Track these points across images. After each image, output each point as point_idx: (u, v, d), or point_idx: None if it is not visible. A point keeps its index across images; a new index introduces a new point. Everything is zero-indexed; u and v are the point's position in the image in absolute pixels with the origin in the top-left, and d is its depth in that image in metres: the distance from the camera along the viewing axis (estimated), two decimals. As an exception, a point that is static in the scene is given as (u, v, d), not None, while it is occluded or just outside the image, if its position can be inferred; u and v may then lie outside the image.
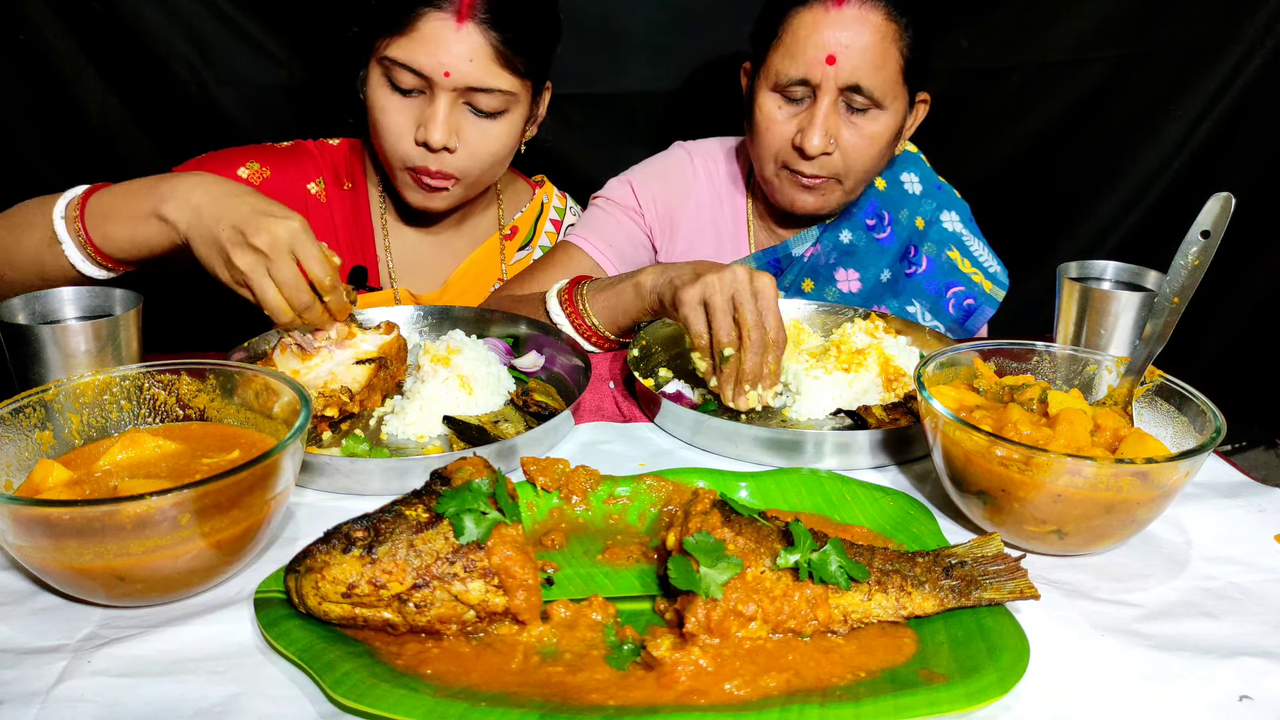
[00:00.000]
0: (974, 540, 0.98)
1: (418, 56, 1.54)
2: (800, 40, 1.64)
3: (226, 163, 1.71)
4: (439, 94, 1.57)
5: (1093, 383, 1.23)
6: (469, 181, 1.69)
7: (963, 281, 1.88)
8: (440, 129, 1.58)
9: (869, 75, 1.63)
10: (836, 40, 1.61)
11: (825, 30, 1.62)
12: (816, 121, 1.65)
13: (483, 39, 1.54)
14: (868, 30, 1.61)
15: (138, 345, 1.20)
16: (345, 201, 1.81)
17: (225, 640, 0.88)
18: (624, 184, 1.92)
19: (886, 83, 1.65)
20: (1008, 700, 0.81)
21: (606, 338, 1.59)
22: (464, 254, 1.92)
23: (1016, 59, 2.35)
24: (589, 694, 0.81)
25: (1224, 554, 1.07)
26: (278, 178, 1.74)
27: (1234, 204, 1.10)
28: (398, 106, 1.61)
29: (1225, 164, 2.44)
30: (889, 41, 1.63)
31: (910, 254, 1.89)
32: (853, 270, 1.88)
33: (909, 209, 1.90)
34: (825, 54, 1.62)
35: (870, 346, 1.43)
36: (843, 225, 1.88)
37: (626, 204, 1.90)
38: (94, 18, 2.00)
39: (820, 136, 1.66)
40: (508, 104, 1.63)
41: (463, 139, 1.62)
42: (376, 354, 1.32)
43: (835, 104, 1.66)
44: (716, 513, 0.91)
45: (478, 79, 1.56)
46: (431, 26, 1.53)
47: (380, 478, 1.14)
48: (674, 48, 2.26)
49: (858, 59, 1.62)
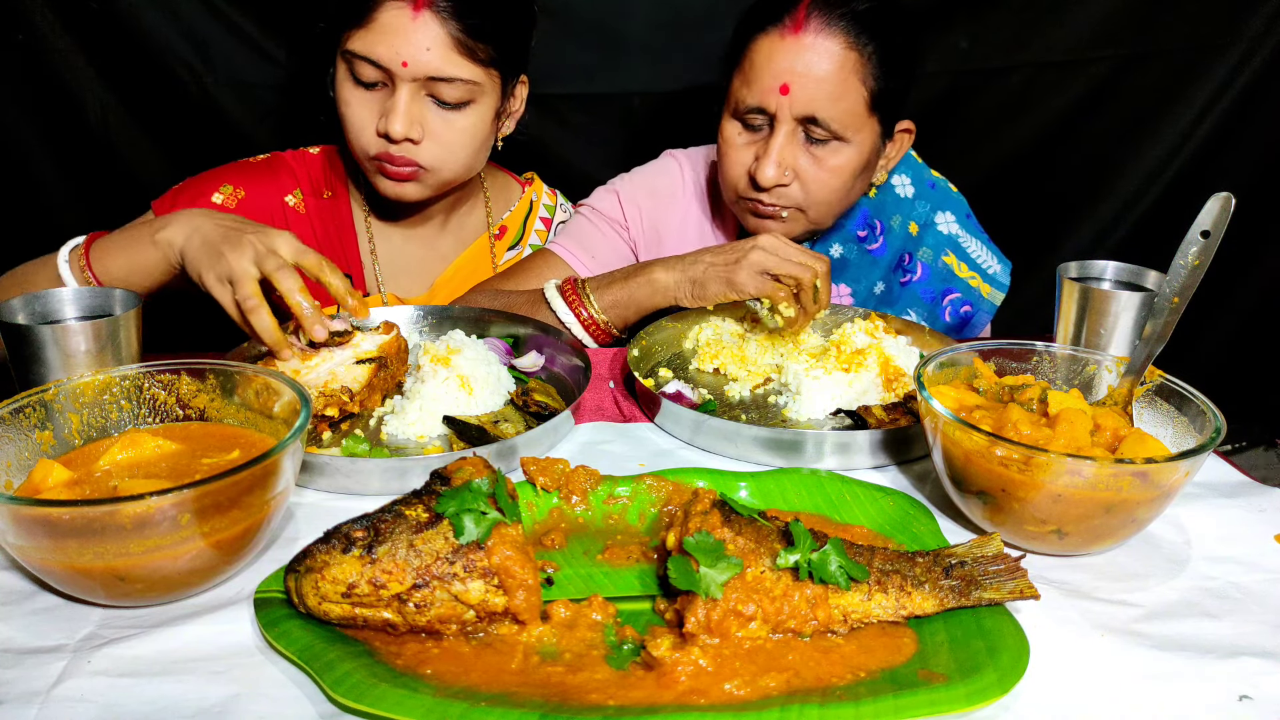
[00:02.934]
0: (974, 540, 0.98)
1: (376, 48, 1.54)
2: (758, 68, 1.60)
3: (200, 190, 1.70)
4: (400, 85, 1.57)
5: (1093, 383, 1.23)
6: (441, 175, 1.68)
7: (959, 288, 1.85)
8: (401, 120, 1.57)
9: (826, 106, 1.57)
10: (791, 69, 1.56)
11: (780, 59, 1.57)
12: (770, 153, 1.61)
13: (441, 28, 1.54)
14: (825, 59, 1.55)
15: (138, 345, 1.20)
16: (325, 210, 1.80)
17: (225, 640, 0.88)
18: (611, 194, 1.90)
19: (847, 114, 1.59)
20: (1008, 700, 0.81)
21: (608, 331, 1.59)
22: (451, 256, 1.91)
23: (1016, 59, 2.35)
24: (589, 694, 0.81)
25: (1224, 554, 1.07)
26: (253, 196, 1.73)
27: (1234, 204, 1.10)
28: (361, 100, 1.61)
29: (1225, 164, 2.44)
30: (848, 71, 1.56)
31: (905, 262, 1.86)
32: (844, 285, 1.86)
33: (901, 215, 1.86)
34: (780, 83, 1.57)
35: (870, 346, 1.43)
36: (833, 239, 1.85)
37: (612, 216, 1.88)
38: (94, 18, 2.01)
39: (774, 168, 1.61)
40: (472, 94, 1.61)
41: (427, 130, 1.62)
42: (376, 354, 1.32)
43: (793, 134, 1.61)
44: (716, 513, 0.91)
45: (437, 68, 1.56)
46: (389, 17, 1.53)
47: (380, 478, 1.14)
48: (672, 47, 2.26)
49: (814, 89, 1.56)
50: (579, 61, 2.23)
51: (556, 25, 1.74)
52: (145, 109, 2.13)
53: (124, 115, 2.12)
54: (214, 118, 2.14)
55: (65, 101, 2.07)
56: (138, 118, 2.13)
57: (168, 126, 2.15)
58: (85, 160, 2.14)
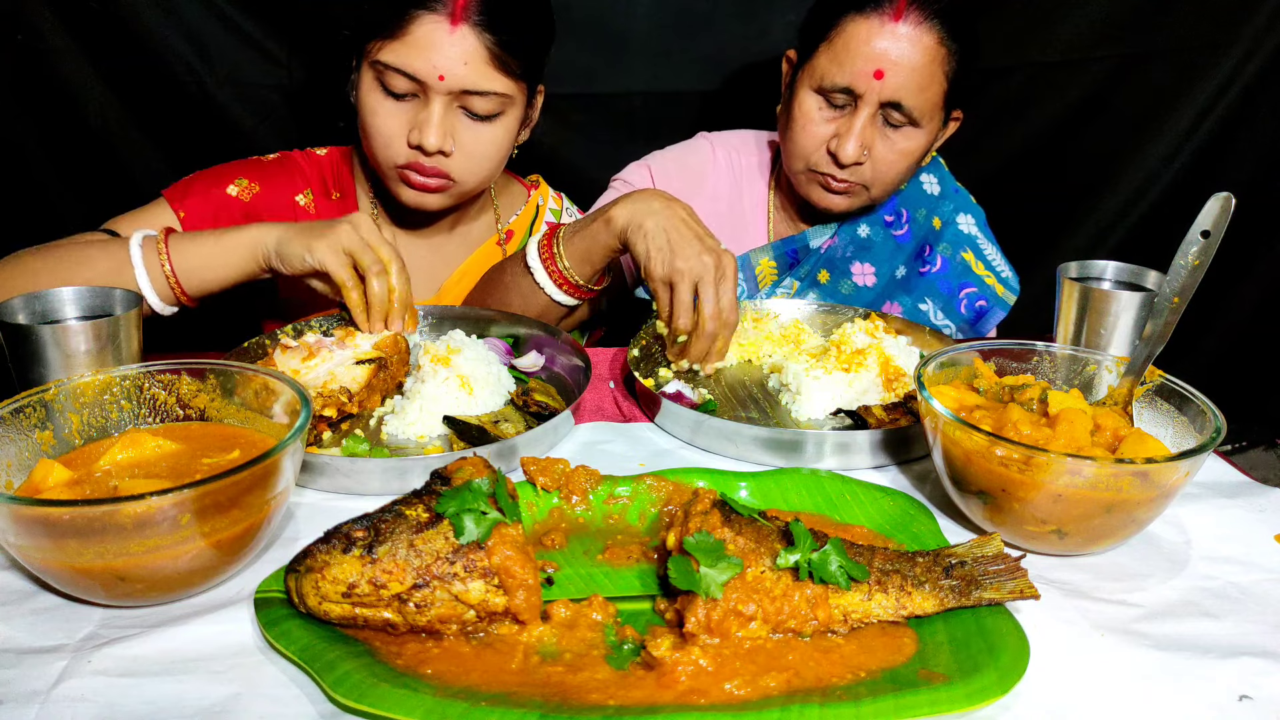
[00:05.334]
0: (974, 540, 0.98)
1: (411, 60, 1.53)
2: (851, 48, 1.62)
3: (215, 180, 1.70)
4: (433, 97, 1.56)
5: (1093, 383, 1.23)
6: (466, 186, 1.68)
7: (976, 283, 1.89)
8: (435, 132, 1.57)
9: (913, 95, 1.63)
10: (887, 55, 1.60)
11: (877, 42, 1.60)
12: (854, 131, 1.65)
13: (477, 41, 1.53)
14: (919, 51, 1.60)
15: (138, 345, 1.20)
16: (334, 211, 1.80)
17: (225, 640, 0.88)
18: (643, 168, 1.93)
19: (928, 103, 1.65)
20: (1008, 700, 0.81)
21: (578, 285, 1.56)
22: (458, 260, 1.90)
23: (1016, 59, 2.35)
24: (589, 694, 0.81)
25: (1224, 554, 1.08)
26: (267, 192, 1.73)
27: (1234, 204, 1.10)
28: (390, 110, 1.60)
29: (1225, 164, 2.44)
30: (937, 64, 1.63)
31: (925, 253, 1.90)
32: (868, 264, 1.88)
33: (927, 208, 1.91)
34: (874, 67, 1.61)
35: (870, 346, 1.43)
36: (861, 220, 1.90)
37: (642, 185, 1.89)
38: (94, 18, 2.00)
39: (855, 147, 1.66)
40: (503, 106, 1.62)
41: (458, 142, 1.61)
42: (375, 354, 1.32)
43: (874, 116, 1.66)
44: (716, 513, 0.91)
45: (473, 82, 1.55)
46: (425, 29, 1.52)
47: (380, 478, 1.14)
48: (674, 47, 2.26)
49: (905, 77, 1.61)
50: (581, 62, 2.23)
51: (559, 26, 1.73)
52: (145, 109, 2.12)
53: (124, 115, 2.12)
54: (214, 118, 2.14)
55: (65, 101, 2.06)
56: (138, 118, 2.13)
57: (168, 126, 2.14)
58: (85, 160, 2.14)
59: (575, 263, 1.54)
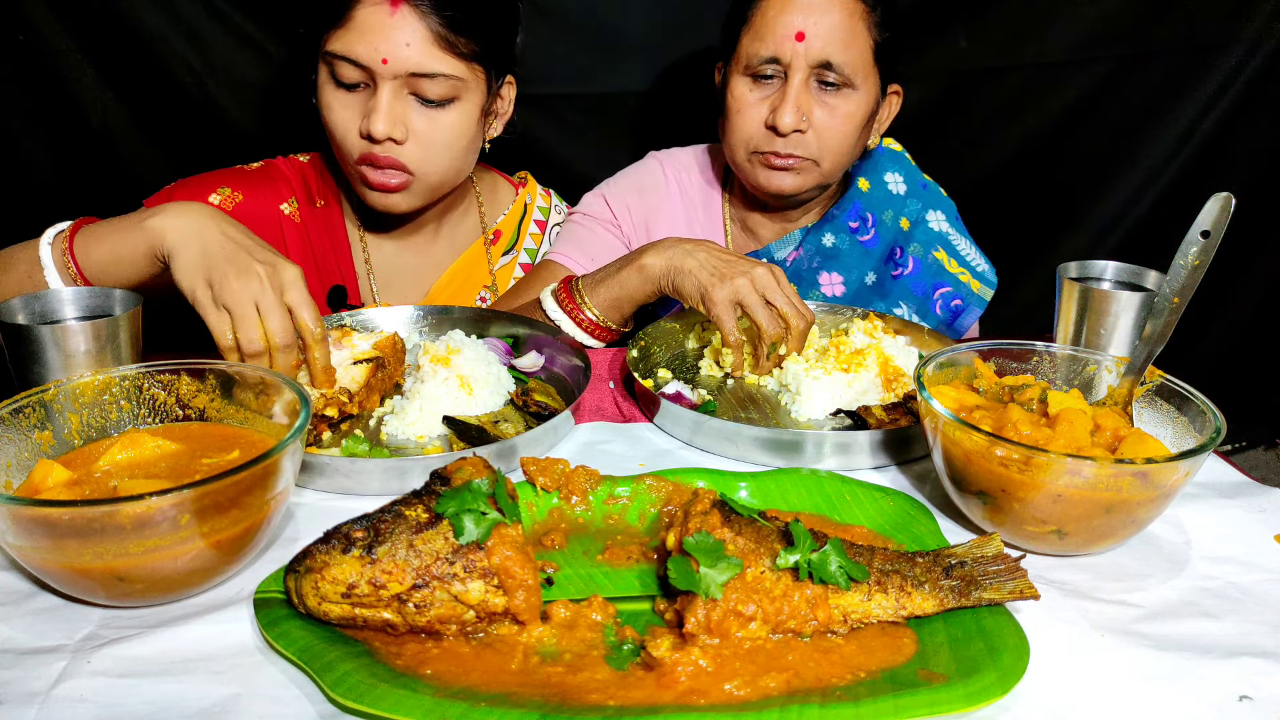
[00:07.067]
0: (974, 540, 0.98)
1: (355, 46, 1.52)
2: (769, 21, 1.68)
3: (197, 189, 1.67)
4: (381, 83, 1.54)
5: (1093, 383, 1.23)
6: (428, 180, 1.65)
7: (950, 282, 1.88)
8: (383, 119, 1.55)
9: (839, 52, 1.66)
10: (805, 18, 1.65)
11: (793, 9, 1.66)
12: (789, 98, 1.68)
13: (420, 22, 1.52)
14: (836, 7, 1.66)
15: (138, 345, 1.20)
16: (319, 219, 1.78)
17: (225, 640, 0.88)
18: (598, 198, 1.94)
19: (857, 60, 1.68)
20: (1008, 700, 0.81)
21: (608, 329, 1.59)
22: (446, 263, 1.89)
23: (1016, 59, 2.35)
24: (589, 694, 0.81)
25: (1224, 554, 1.07)
26: (250, 202, 1.70)
27: (1234, 204, 1.10)
28: (343, 102, 1.59)
29: (1225, 164, 2.44)
30: (857, 19, 1.67)
31: (896, 255, 1.88)
32: (836, 274, 1.88)
33: (893, 210, 1.90)
34: (794, 31, 1.65)
35: (869, 347, 1.43)
36: (825, 228, 1.88)
37: (602, 217, 1.91)
38: (94, 18, 2.00)
39: (793, 114, 1.68)
40: (455, 90, 1.59)
41: (411, 129, 1.59)
42: (373, 354, 1.32)
43: (807, 82, 1.69)
44: (716, 513, 0.91)
45: (417, 64, 1.53)
46: (365, 13, 1.51)
47: (380, 478, 1.14)
48: (667, 47, 2.26)
49: (826, 35, 1.65)
50: (576, 61, 2.23)
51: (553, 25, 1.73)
52: (145, 109, 2.12)
53: (124, 115, 2.12)
54: (214, 118, 2.14)
55: (65, 101, 2.07)
56: (138, 118, 2.13)
57: (168, 126, 2.14)
58: (85, 160, 2.14)
59: (606, 310, 1.57)
